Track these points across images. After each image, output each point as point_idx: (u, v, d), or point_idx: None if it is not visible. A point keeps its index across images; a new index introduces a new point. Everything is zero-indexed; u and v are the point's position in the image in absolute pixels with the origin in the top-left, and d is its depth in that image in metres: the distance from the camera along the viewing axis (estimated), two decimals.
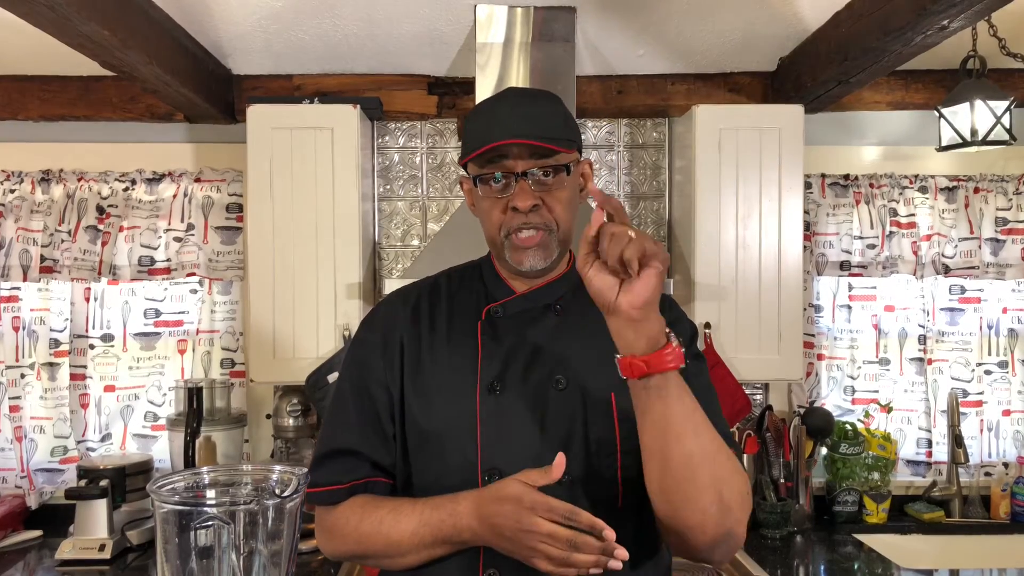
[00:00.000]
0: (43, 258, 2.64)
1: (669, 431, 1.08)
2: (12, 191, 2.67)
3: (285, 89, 2.75)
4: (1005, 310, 2.86)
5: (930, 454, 2.83)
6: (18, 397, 2.66)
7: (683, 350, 1.07)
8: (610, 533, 1.04)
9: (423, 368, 1.27)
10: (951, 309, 2.86)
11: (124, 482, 2.44)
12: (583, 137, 2.72)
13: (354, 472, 1.26)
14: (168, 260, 2.71)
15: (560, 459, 1.07)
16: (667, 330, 1.07)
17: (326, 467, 1.27)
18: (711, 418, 1.13)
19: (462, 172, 1.32)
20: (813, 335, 2.81)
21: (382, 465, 1.28)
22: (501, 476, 1.15)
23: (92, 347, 2.72)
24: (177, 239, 2.70)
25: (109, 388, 2.73)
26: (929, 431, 2.83)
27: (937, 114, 2.52)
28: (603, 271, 1.05)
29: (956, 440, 2.77)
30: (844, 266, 2.80)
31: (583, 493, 1.18)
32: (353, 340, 1.37)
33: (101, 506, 2.37)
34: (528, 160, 1.20)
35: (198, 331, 2.75)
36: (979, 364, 2.85)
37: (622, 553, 1.04)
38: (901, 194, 2.80)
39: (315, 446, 1.34)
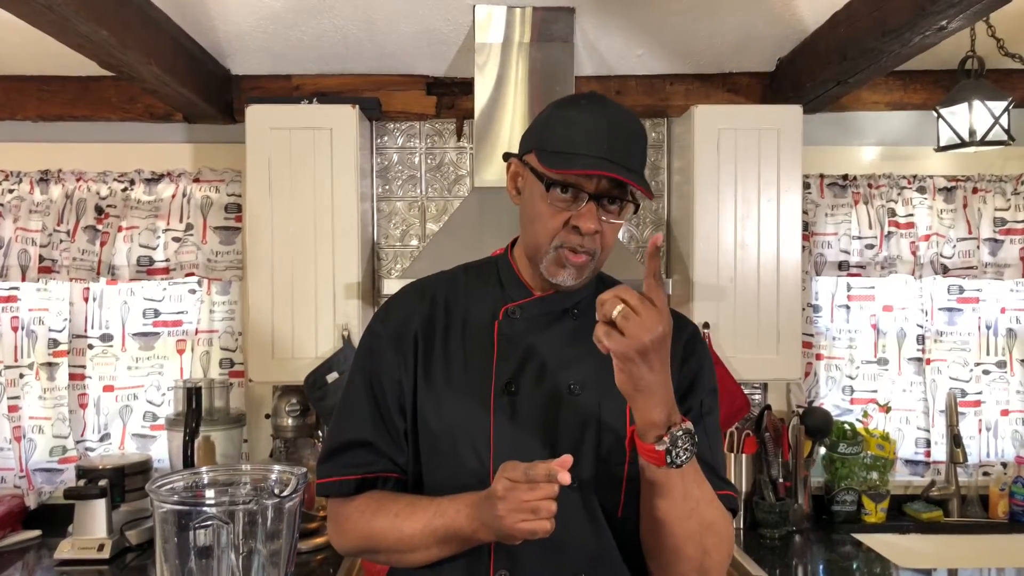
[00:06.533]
0: (42, 258, 2.64)
1: (672, 512, 1.11)
2: (11, 191, 2.67)
3: (284, 89, 2.75)
4: (1003, 310, 2.86)
5: (928, 454, 2.84)
6: (17, 397, 2.66)
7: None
8: (558, 467, 1.03)
9: (437, 365, 1.25)
10: (949, 309, 2.86)
11: (123, 482, 2.43)
12: None
13: (368, 465, 1.24)
14: (167, 260, 2.71)
15: (566, 459, 1.06)
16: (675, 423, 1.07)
17: (338, 458, 1.26)
18: (712, 464, 1.20)
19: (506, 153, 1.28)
20: (812, 335, 2.81)
21: (395, 460, 1.26)
22: None
23: (91, 347, 2.72)
24: (176, 239, 2.70)
25: (108, 388, 2.73)
26: (927, 431, 2.83)
27: (935, 114, 2.52)
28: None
29: (955, 440, 2.77)
30: (842, 266, 2.80)
31: (588, 499, 1.19)
32: (366, 332, 1.33)
33: (100, 506, 2.37)
34: (604, 185, 1.18)
35: (197, 331, 2.75)
36: (977, 364, 2.85)
37: (564, 477, 1.03)
38: (899, 194, 2.80)
39: (325, 439, 1.32)
